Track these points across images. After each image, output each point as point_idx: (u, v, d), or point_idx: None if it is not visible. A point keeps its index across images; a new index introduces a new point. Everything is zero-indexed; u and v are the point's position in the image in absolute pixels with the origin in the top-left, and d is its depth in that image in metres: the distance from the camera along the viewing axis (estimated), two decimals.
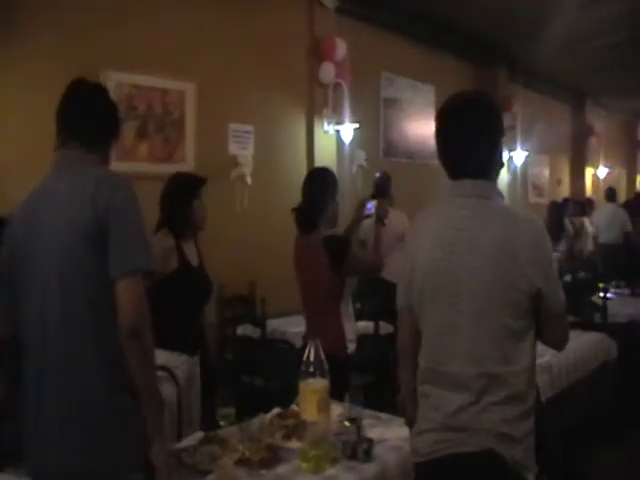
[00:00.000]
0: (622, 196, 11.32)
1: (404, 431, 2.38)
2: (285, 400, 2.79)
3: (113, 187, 1.84)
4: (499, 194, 1.94)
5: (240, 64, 5.54)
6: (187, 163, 5.06)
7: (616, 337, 4.60)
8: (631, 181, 13.60)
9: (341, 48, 6.13)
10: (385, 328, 5.14)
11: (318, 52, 6.14)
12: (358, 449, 2.13)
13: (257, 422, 2.43)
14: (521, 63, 9.21)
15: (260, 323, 4.87)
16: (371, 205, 3.46)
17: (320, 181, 3.28)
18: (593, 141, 11.67)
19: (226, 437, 2.24)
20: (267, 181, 5.83)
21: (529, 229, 1.83)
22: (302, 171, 6.18)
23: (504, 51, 8.76)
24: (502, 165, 2.01)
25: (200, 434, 2.33)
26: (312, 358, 2.03)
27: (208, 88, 5.19)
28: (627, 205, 9.67)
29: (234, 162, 5.52)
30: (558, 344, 1.96)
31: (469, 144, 1.89)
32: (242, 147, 5.58)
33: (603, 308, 5.08)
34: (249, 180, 5.58)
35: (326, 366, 2.04)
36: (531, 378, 1.84)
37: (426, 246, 1.91)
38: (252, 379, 3.79)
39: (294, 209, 3.28)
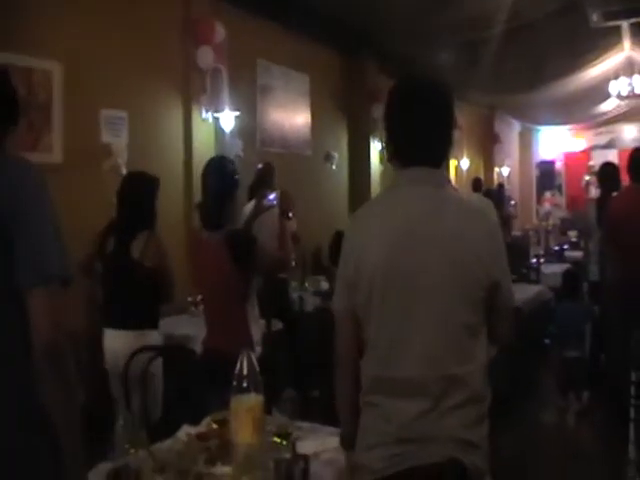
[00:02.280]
0: None
1: (333, 441, 2.21)
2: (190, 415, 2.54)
3: (19, 173, 1.48)
4: (450, 183, 1.84)
5: (112, 44, 5.03)
6: (54, 152, 4.52)
7: None
8: (488, 172, 14.27)
9: (219, 32, 5.79)
10: (275, 325, 4.97)
11: (195, 35, 5.74)
12: (295, 470, 1.90)
13: (171, 446, 2.15)
14: (391, 55, 9.28)
15: None
16: (273, 196, 3.25)
17: (223, 173, 2.99)
18: (457, 133, 12.05)
19: (139, 467, 1.94)
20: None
21: (485, 220, 1.78)
22: (179, 161, 5.82)
23: (374, 42, 8.76)
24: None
25: (108, 466, 1.99)
26: (245, 372, 1.78)
27: (77, 69, 4.65)
28: (488, 194, 10.13)
29: (107, 151, 5.02)
30: (507, 338, 1.91)
31: (435, 130, 1.80)
32: (115, 135, 5.09)
33: None
34: (124, 171, 5.11)
35: (261, 380, 1.80)
36: (485, 377, 1.76)
37: (374, 241, 1.74)
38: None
39: (198, 205, 3.01)
